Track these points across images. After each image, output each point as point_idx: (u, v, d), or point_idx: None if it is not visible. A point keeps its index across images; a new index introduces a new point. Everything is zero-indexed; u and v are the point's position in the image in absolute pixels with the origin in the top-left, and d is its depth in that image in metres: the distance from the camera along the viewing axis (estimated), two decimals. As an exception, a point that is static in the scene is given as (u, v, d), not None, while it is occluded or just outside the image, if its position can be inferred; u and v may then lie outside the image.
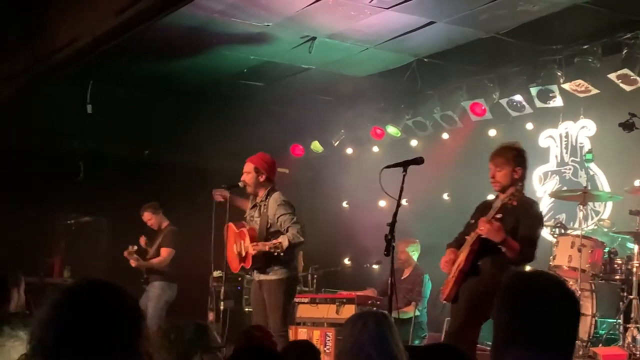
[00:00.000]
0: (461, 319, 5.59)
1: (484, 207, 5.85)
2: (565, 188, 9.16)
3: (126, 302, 1.96)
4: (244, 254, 6.96)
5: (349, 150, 11.65)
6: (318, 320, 8.65)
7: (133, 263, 9.14)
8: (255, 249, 6.75)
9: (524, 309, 2.28)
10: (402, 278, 9.18)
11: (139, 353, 1.94)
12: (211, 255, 7.34)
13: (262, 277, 6.95)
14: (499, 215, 5.49)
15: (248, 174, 7.01)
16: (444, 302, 5.89)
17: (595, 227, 8.51)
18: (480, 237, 5.51)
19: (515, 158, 5.72)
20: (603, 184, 8.98)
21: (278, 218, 6.83)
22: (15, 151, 9.94)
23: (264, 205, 6.95)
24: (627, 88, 8.15)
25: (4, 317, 3.89)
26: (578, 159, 9.33)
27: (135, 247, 9.21)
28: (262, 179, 6.98)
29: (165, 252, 9.25)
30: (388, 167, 5.51)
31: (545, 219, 9.25)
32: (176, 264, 9.31)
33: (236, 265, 7.17)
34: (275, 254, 6.66)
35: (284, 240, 6.66)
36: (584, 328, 7.18)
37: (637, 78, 7.99)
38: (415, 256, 9.45)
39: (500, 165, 5.71)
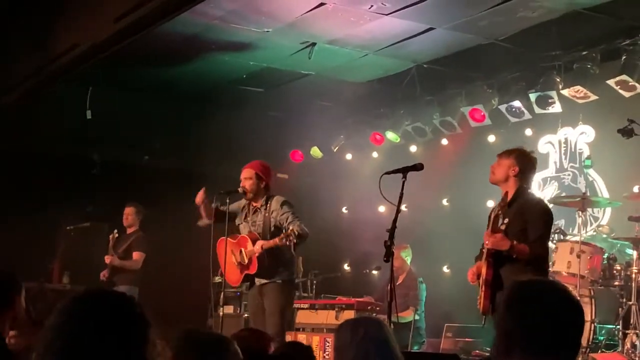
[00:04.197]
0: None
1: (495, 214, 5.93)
2: (564, 194, 9.17)
3: (133, 310, 1.97)
4: (246, 260, 6.95)
5: (349, 156, 11.66)
6: (317, 326, 8.64)
7: (108, 259, 9.00)
8: (266, 246, 6.75)
9: (528, 317, 2.30)
10: (398, 283, 9.17)
11: None
12: (210, 261, 7.34)
13: (264, 280, 6.96)
14: (506, 221, 5.60)
15: (249, 180, 7.03)
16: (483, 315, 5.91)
17: (594, 233, 8.52)
18: (490, 250, 5.58)
19: (516, 157, 5.83)
20: (602, 190, 9.00)
21: (280, 217, 6.90)
22: (14, 156, 9.96)
23: (266, 208, 7.00)
24: (626, 94, 8.15)
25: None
26: (577, 165, 9.35)
27: (117, 235, 9.13)
28: (262, 185, 7.04)
29: (138, 255, 9.12)
30: (388, 173, 5.52)
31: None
32: (145, 268, 9.19)
33: (237, 277, 7.13)
34: (288, 243, 6.65)
35: (294, 227, 6.67)
36: (583, 334, 7.18)
37: (636, 84, 7.99)
38: (408, 261, 9.47)
39: (500, 159, 5.88)
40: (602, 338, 7.46)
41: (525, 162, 5.83)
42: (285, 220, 6.87)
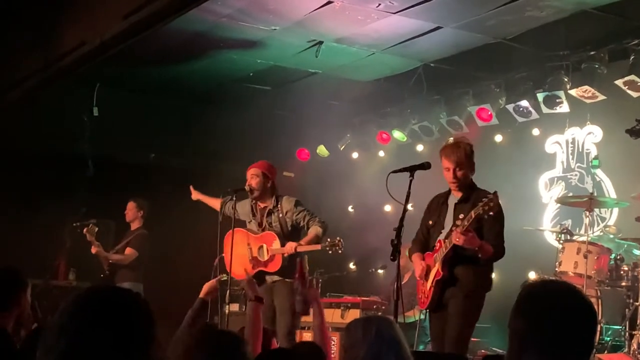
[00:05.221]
0: (457, 328, 5.60)
1: (441, 206, 5.90)
2: (571, 194, 9.14)
3: (139, 308, 1.96)
4: (266, 257, 7.02)
5: (355, 155, 11.65)
6: (323, 324, 8.63)
7: (94, 250, 8.97)
8: (301, 249, 6.84)
9: (541, 317, 2.30)
10: (403, 283, 9.14)
11: (151, 358, 1.94)
12: (216, 259, 7.34)
13: (277, 277, 7.01)
14: (461, 216, 5.57)
15: (256, 178, 7.09)
16: (423, 309, 5.91)
17: (601, 233, 8.50)
18: (454, 246, 5.53)
19: (471, 156, 5.83)
20: (609, 190, 8.97)
21: (296, 216, 7.03)
22: (21, 154, 9.97)
23: (278, 209, 7.11)
24: (634, 94, 8.13)
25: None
26: (584, 165, 9.32)
27: (97, 229, 9.03)
28: (268, 184, 7.14)
29: (129, 250, 9.10)
30: (395, 171, 5.51)
31: (550, 225, 9.29)
32: (144, 266, 9.21)
33: (247, 270, 7.14)
34: (331, 251, 6.82)
35: (318, 232, 6.87)
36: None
37: (644, 84, 7.98)
38: (414, 260, 9.42)
39: (461, 165, 5.75)
40: (608, 339, 7.44)
41: (473, 155, 5.82)
42: (302, 219, 7.02)
